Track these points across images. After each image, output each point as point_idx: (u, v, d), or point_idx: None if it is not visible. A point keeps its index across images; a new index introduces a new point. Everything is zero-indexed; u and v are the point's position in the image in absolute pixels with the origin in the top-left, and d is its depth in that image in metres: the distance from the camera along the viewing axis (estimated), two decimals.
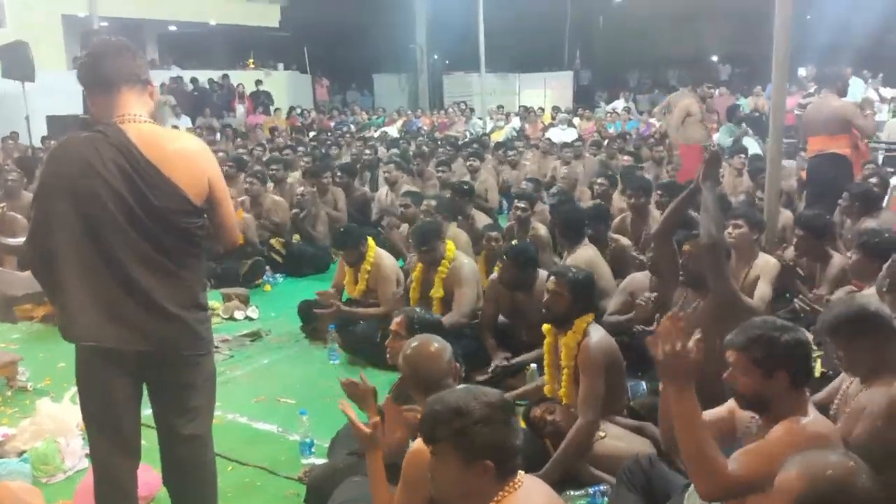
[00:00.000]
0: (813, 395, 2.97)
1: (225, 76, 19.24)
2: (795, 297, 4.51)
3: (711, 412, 2.55)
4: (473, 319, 5.00)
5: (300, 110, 19.27)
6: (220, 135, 14.83)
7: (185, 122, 15.85)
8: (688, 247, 3.68)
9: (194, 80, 18.41)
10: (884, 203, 6.07)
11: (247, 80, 19.46)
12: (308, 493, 3.21)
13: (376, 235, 6.40)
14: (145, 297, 2.44)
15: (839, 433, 2.41)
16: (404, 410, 2.95)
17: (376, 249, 5.52)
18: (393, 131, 16.63)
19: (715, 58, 24.03)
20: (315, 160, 9.89)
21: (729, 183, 8.03)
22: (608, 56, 25.49)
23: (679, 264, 3.63)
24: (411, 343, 2.77)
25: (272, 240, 7.56)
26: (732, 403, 2.50)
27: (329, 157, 11.41)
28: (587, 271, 3.82)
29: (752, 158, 8.44)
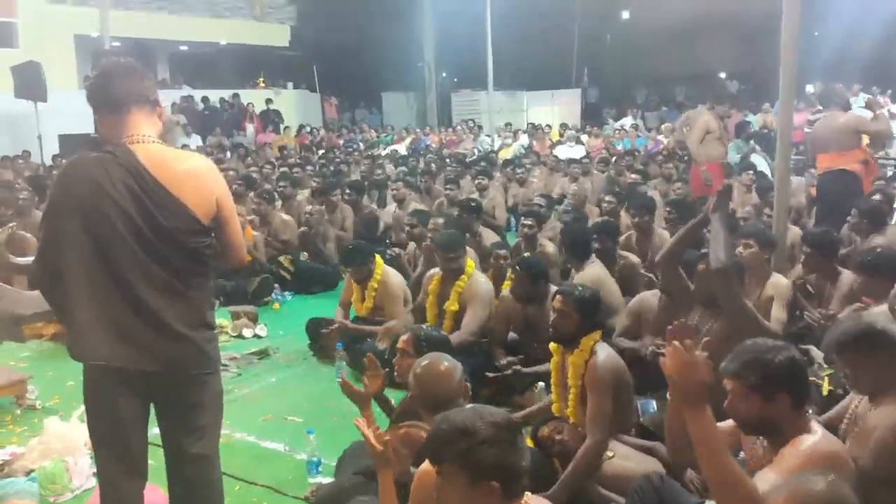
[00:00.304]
0: (821, 415, 2.96)
1: (235, 95, 19.42)
2: (804, 313, 4.49)
3: (719, 426, 2.53)
4: (483, 338, 4.99)
5: (309, 128, 19.41)
6: (229, 153, 14.93)
7: (195, 141, 15.97)
8: (702, 266, 3.67)
9: (205, 99, 18.58)
10: (894, 220, 6.05)
11: (257, 98, 19.62)
12: None
13: (384, 253, 6.41)
14: (153, 317, 2.45)
15: (848, 452, 2.39)
16: (406, 427, 2.94)
17: (384, 267, 5.53)
18: (402, 149, 16.70)
19: (722, 74, 24.06)
20: (324, 178, 9.93)
21: (737, 199, 8.01)
22: (616, 73, 25.55)
23: (687, 287, 3.62)
24: (421, 362, 2.76)
25: (280, 257, 7.58)
26: None
27: (341, 173, 11.47)
28: (594, 289, 3.79)
29: (759, 175, 8.44)
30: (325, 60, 22.37)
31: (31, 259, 2.74)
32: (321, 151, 16.49)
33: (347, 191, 8.71)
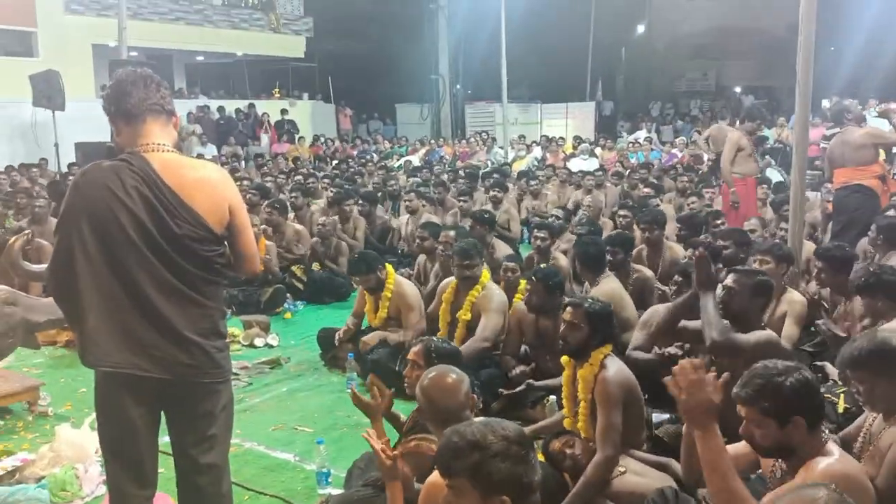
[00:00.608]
0: (837, 433, 2.91)
1: (251, 105, 19.57)
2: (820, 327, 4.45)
3: (734, 447, 2.50)
4: (495, 350, 4.97)
5: (324, 139, 19.51)
6: (244, 162, 15.00)
7: (210, 150, 16.08)
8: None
9: (221, 109, 18.72)
10: None
11: (272, 109, 19.75)
12: None
13: (396, 263, 6.40)
14: (165, 325, 2.46)
15: (864, 472, 2.35)
16: (417, 440, 2.92)
17: (396, 276, 5.51)
18: (416, 160, 16.74)
19: (738, 89, 24.01)
20: (340, 188, 9.96)
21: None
22: (630, 87, 25.57)
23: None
24: (428, 374, 2.75)
25: (293, 267, 7.60)
26: None
27: (356, 183, 11.51)
28: (605, 302, 3.76)
29: (777, 185, 8.39)
30: (340, 72, 22.50)
31: (44, 266, 2.75)
32: (335, 162, 16.56)
33: (360, 201, 8.74)
